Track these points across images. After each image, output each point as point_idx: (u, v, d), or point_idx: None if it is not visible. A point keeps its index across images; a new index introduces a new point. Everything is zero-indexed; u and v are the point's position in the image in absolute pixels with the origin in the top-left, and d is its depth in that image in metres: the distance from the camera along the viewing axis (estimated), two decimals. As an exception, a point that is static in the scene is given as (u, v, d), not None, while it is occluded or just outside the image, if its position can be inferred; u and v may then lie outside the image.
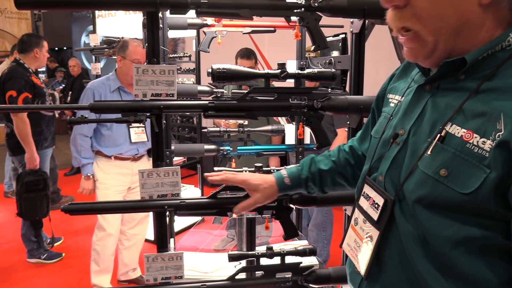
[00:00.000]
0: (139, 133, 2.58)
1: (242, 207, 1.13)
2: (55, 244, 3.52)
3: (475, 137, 0.65)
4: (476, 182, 0.64)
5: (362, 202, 0.89)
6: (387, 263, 0.80)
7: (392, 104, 0.92)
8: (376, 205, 0.83)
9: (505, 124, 0.62)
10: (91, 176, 2.54)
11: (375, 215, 0.82)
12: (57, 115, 3.59)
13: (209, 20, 1.91)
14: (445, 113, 0.72)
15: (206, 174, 1.16)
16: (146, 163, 2.69)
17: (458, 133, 0.68)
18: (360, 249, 0.87)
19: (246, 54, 3.11)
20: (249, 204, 1.12)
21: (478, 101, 0.68)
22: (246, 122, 2.06)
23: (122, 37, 3.24)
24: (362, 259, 0.85)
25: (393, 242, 0.78)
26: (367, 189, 0.88)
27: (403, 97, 0.87)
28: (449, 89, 0.74)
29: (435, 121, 0.74)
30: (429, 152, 0.71)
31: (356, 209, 0.92)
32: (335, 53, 1.83)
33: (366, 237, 0.85)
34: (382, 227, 0.79)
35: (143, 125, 1.16)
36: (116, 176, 2.58)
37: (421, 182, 0.72)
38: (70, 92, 6.15)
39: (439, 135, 0.71)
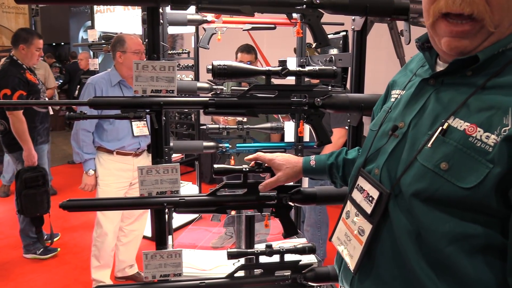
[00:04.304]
0: (141, 127, 2.58)
1: (265, 184, 1.20)
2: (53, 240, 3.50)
3: (479, 131, 0.65)
4: (478, 177, 0.63)
5: (355, 194, 0.87)
6: (379, 258, 0.78)
7: (392, 99, 0.90)
8: (370, 198, 0.80)
9: None
10: (93, 172, 2.53)
11: (368, 208, 0.80)
12: (51, 112, 3.52)
13: (209, 17, 1.90)
14: (449, 106, 0.71)
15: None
16: (147, 159, 2.68)
17: (461, 126, 0.67)
18: (351, 243, 0.85)
19: (246, 48, 3.12)
20: (271, 182, 1.19)
21: (484, 96, 0.67)
22: (245, 119, 2.05)
23: (121, 33, 3.21)
24: (352, 253, 0.84)
25: (386, 237, 0.77)
26: (361, 182, 0.86)
27: (403, 91, 0.86)
28: (454, 84, 0.74)
29: (437, 114, 0.73)
30: (429, 145, 0.70)
31: (348, 202, 0.90)
32: (335, 51, 1.82)
33: (358, 231, 0.83)
34: (376, 221, 0.78)
35: (145, 119, 1.16)
36: (117, 172, 2.57)
37: (419, 175, 0.70)
38: (78, 86, 5.94)
39: (440, 127, 0.69)
